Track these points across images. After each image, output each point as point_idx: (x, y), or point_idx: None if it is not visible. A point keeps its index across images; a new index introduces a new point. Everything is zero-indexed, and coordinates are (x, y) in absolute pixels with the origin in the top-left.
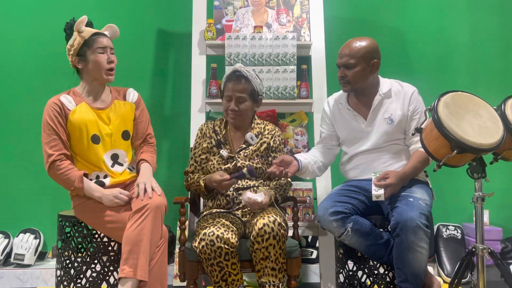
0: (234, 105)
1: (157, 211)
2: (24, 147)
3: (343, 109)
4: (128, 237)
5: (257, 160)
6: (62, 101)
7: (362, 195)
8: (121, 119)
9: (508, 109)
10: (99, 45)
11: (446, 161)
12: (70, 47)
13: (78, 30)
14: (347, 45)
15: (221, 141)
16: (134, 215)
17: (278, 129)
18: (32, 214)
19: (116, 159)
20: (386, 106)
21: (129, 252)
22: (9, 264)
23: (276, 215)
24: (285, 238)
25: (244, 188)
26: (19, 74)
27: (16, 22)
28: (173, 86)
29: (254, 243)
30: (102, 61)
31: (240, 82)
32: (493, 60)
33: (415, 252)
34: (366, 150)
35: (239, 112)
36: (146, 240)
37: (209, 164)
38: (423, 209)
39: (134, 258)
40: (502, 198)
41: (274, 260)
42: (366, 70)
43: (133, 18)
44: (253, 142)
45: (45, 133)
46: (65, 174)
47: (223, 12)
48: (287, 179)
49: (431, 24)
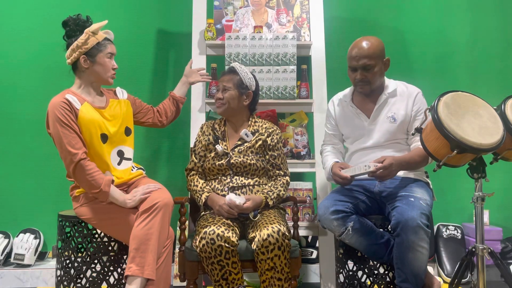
0: (220, 94)
1: (166, 209)
2: (24, 147)
3: (346, 107)
4: (136, 235)
5: (251, 157)
6: (69, 100)
7: (363, 194)
8: (120, 116)
9: (508, 109)
10: (109, 51)
11: (446, 161)
12: (81, 45)
13: (92, 32)
14: (360, 47)
15: (218, 136)
16: (143, 214)
17: (277, 127)
18: (32, 214)
19: (122, 155)
20: (390, 105)
21: (136, 250)
22: (9, 264)
23: (279, 225)
24: (289, 247)
25: (239, 187)
26: (19, 74)
27: (16, 22)
28: (173, 86)
29: (259, 253)
30: (109, 66)
31: (227, 74)
32: (493, 60)
33: (416, 252)
34: (368, 147)
35: (223, 100)
36: (154, 239)
37: (205, 161)
38: (424, 209)
39: (141, 256)
40: (502, 198)
41: (280, 271)
42: (382, 69)
43: (133, 18)
44: (248, 139)
45: (63, 132)
46: (91, 175)
47: (223, 12)
48: (282, 180)
49: (431, 24)
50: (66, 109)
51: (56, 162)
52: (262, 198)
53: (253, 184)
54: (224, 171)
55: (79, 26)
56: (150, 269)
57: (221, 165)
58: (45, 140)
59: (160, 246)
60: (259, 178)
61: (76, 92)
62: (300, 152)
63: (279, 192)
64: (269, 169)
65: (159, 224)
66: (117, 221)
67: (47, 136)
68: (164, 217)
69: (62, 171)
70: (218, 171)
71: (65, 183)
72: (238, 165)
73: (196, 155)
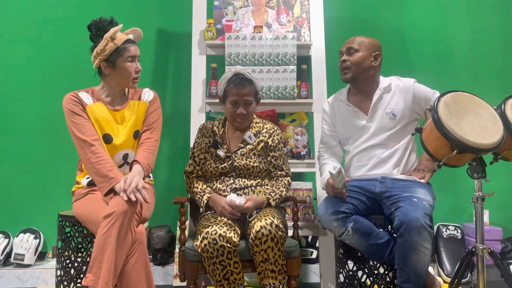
0: (242, 109)
1: (124, 217)
2: (24, 147)
3: (342, 106)
4: (96, 244)
5: (254, 159)
6: (79, 95)
7: (363, 195)
8: (134, 118)
9: (508, 109)
10: (130, 54)
11: (446, 161)
12: (100, 52)
13: (110, 37)
14: (351, 37)
15: (218, 141)
16: (104, 220)
17: (277, 128)
18: (32, 214)
19: (126, 158)
20: (387, 101)
21: (94, 260)
22: (9, 264)
23: (273, 217)
24: (284, 240)
25: (241, 188)
26: (19, 74)
27: (16, 22)
28: (173, 86)
29: (253, 246)
30: (131, 70)
31: (245, 86)
32: (493, 60)
33: (419, 252)
34: (370, 146)
35: (247, 115)
36: (110, 249)
37: (207, 164)
38: (427, 209)
39: (97, 266)
40: (502, 198)
41: (273, 262)
42: (367, 58)
43: (133, 18)
44: (251, 141)
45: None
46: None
47: (223, 12)
48: (284, 180)
49: (431, 24)
50: (75, 101)
51: (56, 162)
52: (264, 198)
53: (256, 185)
54: (227, 173)
55: (101, 30)
56: (104, 281)
57: (224, 167)
58: (45, 140)
59: (123, 254)
60: (261, 180)
61: (97, 92)
62: (300, 152)
63: (281, 193)
64: (271, 170)
65: (117, 233)
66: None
67: (47, 136)
68: (123, 225)
69: (62, 171)
70: (220, 174)
71: (65, 183)
72: (241, 168)
73: (196, 158)
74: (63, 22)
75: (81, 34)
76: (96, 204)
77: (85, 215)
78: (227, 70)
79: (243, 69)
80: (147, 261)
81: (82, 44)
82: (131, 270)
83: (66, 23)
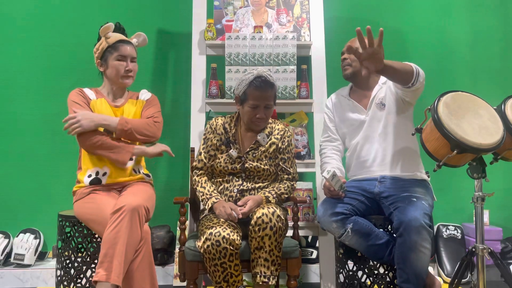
0: (263, 113)
1: (134, 212)
2: (24, 147)
3: (344, 100)
4: (105, 239)
5: (265, 161)
6: (85, 91)
7: (362, 195)
8: (133, 114)
9: (508, 109)
10: (120, 53)
11: (446, 161)
12: (95, 50)
13: (104, 36)
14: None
15: (230, 140)
16: (112, 216)
17: (288, 129)
18: (32, 214)
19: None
20: (381, 94)
21: (104, 255)
22: (9, 264)
23: (276, 208)
24: (283, 232)
25: (248, 190)
26: (19, 74)
27: (16, 22)
28: (173, 86)
29: (252, 231)
30: (120, 68)
31: (267, 90)
32: (493, 60)
33: (418, 252)
34: (366, 142)
35: (266, 119)
36: (121, 243)
37: (216, 162)
38: (426, 209)
39: (108, 261)
40: (502, 198)
41: (268, 251)
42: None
43: (133, 18)
44: (264, 143)
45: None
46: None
47: (223, 12)
48: (287, 183)
49: (431, 24)
50: (80, 94)
51: (56, 162)
52: (262, 196)
53: (263, 187)
54: (236, 173)
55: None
56: (116, 275)
57: (234, 168)
58: (45, 140)
59: (131, 250)
60: (269, 183)
61: (99, 90)
62: (300, 152)
63: (281, 193)
64: (279, 173)
65: (127, 227)
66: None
67: (47, 136)
68: (133, 220)
69: (62, 171)
70: (229, 174)
71: (65, 183)
72: (251, 170)
73: (206, 154)
74: (63, 22)
75: (81, 34)
76: (100, 203)
77: (88, 214)
78: (249, 70)
79: (265, 72)
80: (151, 260)
81: (82, 44)
82: (136, 268)
83: (66, 23)
